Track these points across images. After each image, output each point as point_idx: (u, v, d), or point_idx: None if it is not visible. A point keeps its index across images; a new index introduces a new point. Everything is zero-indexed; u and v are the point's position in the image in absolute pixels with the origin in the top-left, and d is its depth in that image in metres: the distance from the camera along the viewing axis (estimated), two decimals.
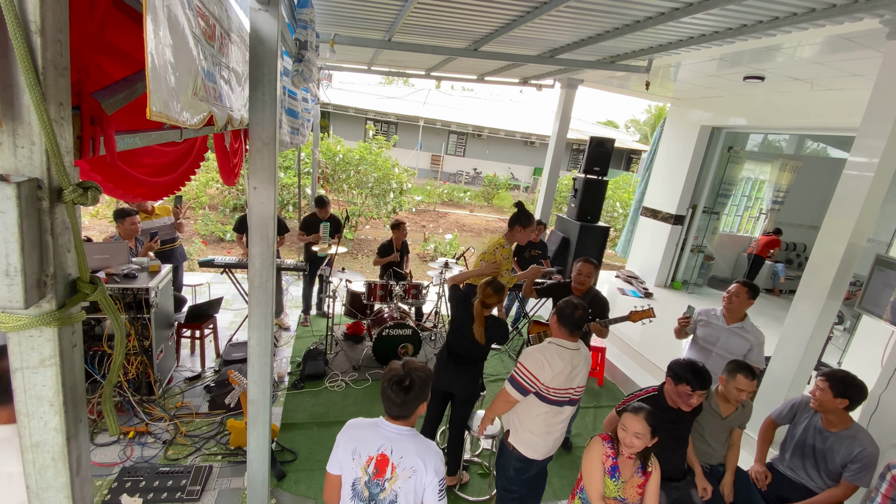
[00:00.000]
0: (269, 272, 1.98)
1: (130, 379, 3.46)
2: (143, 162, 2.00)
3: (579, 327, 2.29)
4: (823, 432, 2.53)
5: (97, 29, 1.06)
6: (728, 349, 3.06)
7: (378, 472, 1.62)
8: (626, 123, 31.94)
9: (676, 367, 2.37)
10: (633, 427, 2.03)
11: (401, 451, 1.62)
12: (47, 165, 0.77)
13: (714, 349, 3.12)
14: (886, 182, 3.15)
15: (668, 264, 7.83)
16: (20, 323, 0.78)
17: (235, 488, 2.93)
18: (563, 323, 2.29)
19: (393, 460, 1.62)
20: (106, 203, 7.56)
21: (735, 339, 3.05)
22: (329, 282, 4.75)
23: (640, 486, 2.12)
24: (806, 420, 2.64)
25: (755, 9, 2.98)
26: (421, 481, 1.60)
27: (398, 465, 1.61)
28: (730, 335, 3.08)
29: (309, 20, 2.77)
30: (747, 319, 3.10)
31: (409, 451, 1.62)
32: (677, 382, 2.33)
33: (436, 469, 1.61)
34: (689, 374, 2.29)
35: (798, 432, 2.66)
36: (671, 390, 2.39)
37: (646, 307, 3.24)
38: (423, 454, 1.61)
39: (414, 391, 1.62)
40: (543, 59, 4.83)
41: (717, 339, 3.12)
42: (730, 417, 2.62)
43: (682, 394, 2.31)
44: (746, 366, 2.52)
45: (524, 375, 2.23)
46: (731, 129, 7.10)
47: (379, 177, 10.37)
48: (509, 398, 2.29)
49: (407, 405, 1.63)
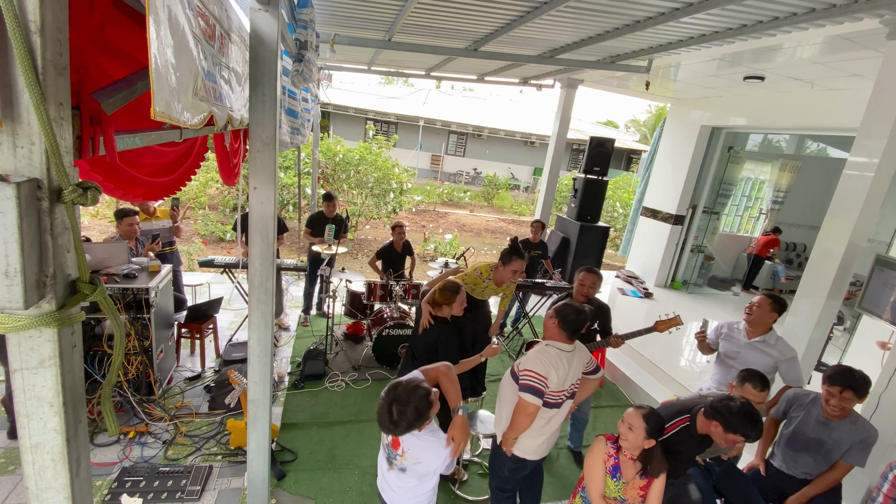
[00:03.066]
0: (269, 272, 1.98)
1: (130, 379, 3.46)
2: (143, 162, 2.00)
3: (578, 332, 2.28)
4: (829, 424, 2.47)
5: (97, 29, 1.06)
6: (749, 363, 2.77)
7: (393, 445, 1.85)
8: (626, 123, 31.93)
9: (729, 414, 2.05)
10: (629, 419, 2.07)
11: (408, 444, 1.79)
12: (47, 165, 0.77)
13: (734, 364, 2.88)
14: (886, 182, 3.15)
15: (668, 264, 7.83)
16: (20, 323, 0.77)
17: (235, 488, 2.93)
18: (563, 327, 2.25)
19: (403, 446, 1.81)
20: (106, 203, 7.56)
21: (755, 355, 2.81)
22: (329, 282, 4.75)
23: (641, 489, 2.11)
24: (801, 414, 2.60)
25: (755, 9, 2.98)
26: (425, 469, 1.79)
27: (406, 452, 1.80)
28: (750, 350, 2.84)
29: (309, 20, 2.77)
30: (771, 333, 2.83)
31: (415, 446, 1.77)
32: (729, 430, 2.05)
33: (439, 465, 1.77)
34: (748, 427, 2.02)
35: (792, 426, 2.63)
36: (718, 434, 2.12)
37: (671, 315, 3.10)
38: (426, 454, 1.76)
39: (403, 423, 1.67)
40: (543, 59, 4.83)
41: (737, 355, 2.89)
42: None
43: (731, 441, 2.07)
44: (758, 375, 2.39)
45: (537, 379, 2.15)
46: (731, 129, 7.10)
47: (379, 177, 10.37)
48: (530, 409, 2.15)
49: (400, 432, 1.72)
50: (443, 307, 2.76)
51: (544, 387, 2.16)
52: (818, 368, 5.14)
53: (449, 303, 2.74)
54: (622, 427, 2.10)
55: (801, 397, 2.64)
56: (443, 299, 2.75)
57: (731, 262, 9.02)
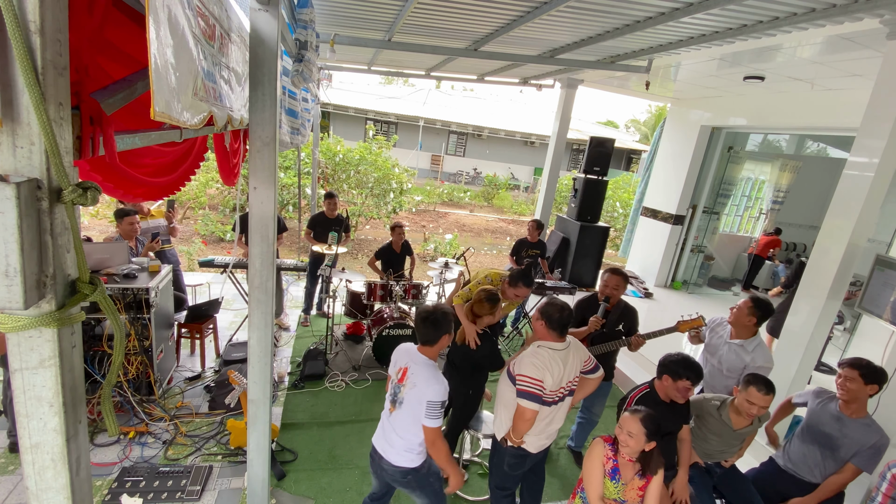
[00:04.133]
0: (269, 272, 1.98)
1: (130, 379, 3.46)
2: (142, 162, 2.00)
3: (567, 328, 2.27)
4: (842, 419, 2.48)
5: (97, 29, 1.06)
6: (723, 363, 2.89)
7: (400, 378, 2.16)
8: (626, 123, 31.91)
9: (673, 364, 2.40)
10: (627, 426, 2.07)
11: (414, 369, 2.11)
12: (47, 166, 0.77)
13: (712, 360, 2.98)
14: (886, 182, 3.15)
15: (668, 264, 7.83)
16: (19, 323, 0.77)
17: (235, 488, 2.93)
18: (551, 327, 2.25)
19: (409, 371, 2.13)
20: (106, 203, 7.56)
21: (730, 356, 2.87)
22: (329, 281, 4.75)
23: (640, 489, 2.12)
24: (818, 408, 2.61)
25: (755, 9, 2.98)
26: (419, 395, 2.04)
27: (409, 377, 2.12)
28: (727, 349, 2.90)
29: (309, 20, 2.77)
30: (752, 339, 2.84)
31: (418, 372, 2.09)
32: (677, 378, 2.36)
33: (430, 390, 2.02)
34: (688, 370, 2.35)
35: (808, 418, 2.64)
36: (670, 386, 2.40)
37: (694, 315, 3.07)
38: (425, 377, 2.06)
39: (431, 324, 2.11)
40: (543, 59, 4.83)
41: (716, 350, 2.96)
42: (743, 430, 2.55)
43: (682, 388, 2.35)
44: (763, 380, 2.39)
45: (533, 383, 2.16)
46: (731, 129, 7.10)
47: (379, 177, 10.36)
48: (527, 415, 2.17)
49: (430, 333, 2.12)
50: (483, 318, 2.80)
51: (541, 391, 2.16)
52: (818, 368, 5.14)
53: (491, 312, 2.79)
54: (621, 435, 2.08)
55: (823, 392, 2.67)
56: (484, 311, 2.78)
57: (731, 263, 9.02)
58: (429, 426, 2.03)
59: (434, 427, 2.03)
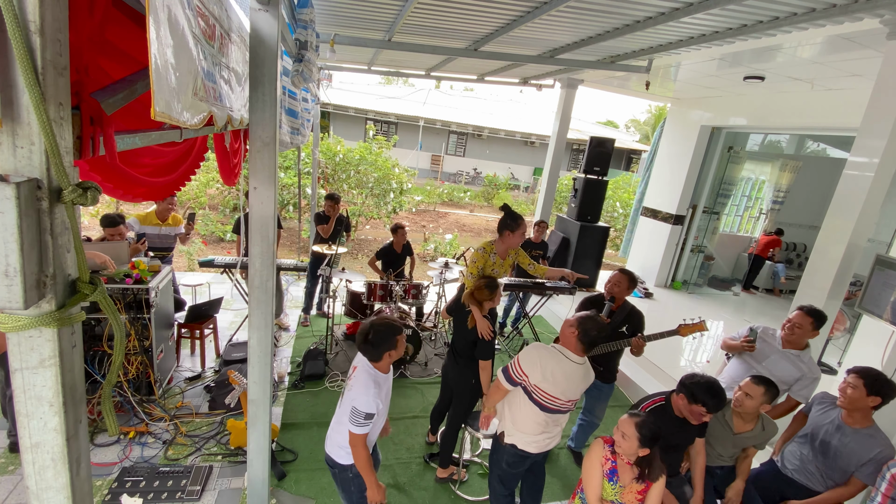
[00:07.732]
0: (269, 272, 1.98)
1: (130, 379, 3.45)
2: (142, 162, 2.00)
3: (594, 347, 2.28)
4: (844, 428, 2.43)
5: (97, 29, 1.06)
6: (774, 370, 2.81)
7: (350, 375, 2.21)
8: (626, 123, 31.91)
9: (693, 386, 2.27)
10: (622, 426, 2.08)
11: (358, 372, 2.14)
12: (47, 166, 0.77)
13: (758, 366, 2.88)
14: (886, 182, 3.15)
15: (668, 264, 7.83)
16: (19, 323, 0.77)
17: (235, 488, 2.93)
18: (581, 340, 2.24)
19: (355, 373, 2.16)
20: (106, 203, 7.55)
21: (785, 364, 2.83)
22: (329, 281, 4.75)
23: (639, 493, 2.11)
24: (819, 414, 2.58)
25: (755, 9, 2.98)
26: (351, 397, 2.06)
27: (352, 377, 2.16)
28: (781, 357, 2.85)
29: (309, 20, 2.77)
30: (807, 351, 2.85)
31: (358, 376, 2.12)
32: (692, 402, 2.26)
33: (360, 397, 2.02)
34: (707, 396, 2.22)
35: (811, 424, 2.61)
36: (684, 406, 2.31)
37: (696, 320, 3.05)
38: (361, 382, 2.07)
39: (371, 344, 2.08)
40: (543, 59, 4.83)
41: (766, 358, 2.89)
42: (744, 435, 2.53)
43: (696, 413, 2.26)
44: (766, 381, 2.41)
45: (515, 370, 2.30)
46: (731, 129, 7.10)
47: (379, 177, 10.36)
48: (500, 386, 2.38)
49: (370, 352, 2.10)
50: (484, 304, 2.87)
51: (518, 378, 2.28)
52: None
53: (491, 297, 2.86)
54: (616, 434, 2.10)
55: (826, 397, 2.64)
56: (485, 296, 2.85)
57: (732, 262, 9.02)
58: (352, 432, 2.02)
59: (357, 434, 2.02)
